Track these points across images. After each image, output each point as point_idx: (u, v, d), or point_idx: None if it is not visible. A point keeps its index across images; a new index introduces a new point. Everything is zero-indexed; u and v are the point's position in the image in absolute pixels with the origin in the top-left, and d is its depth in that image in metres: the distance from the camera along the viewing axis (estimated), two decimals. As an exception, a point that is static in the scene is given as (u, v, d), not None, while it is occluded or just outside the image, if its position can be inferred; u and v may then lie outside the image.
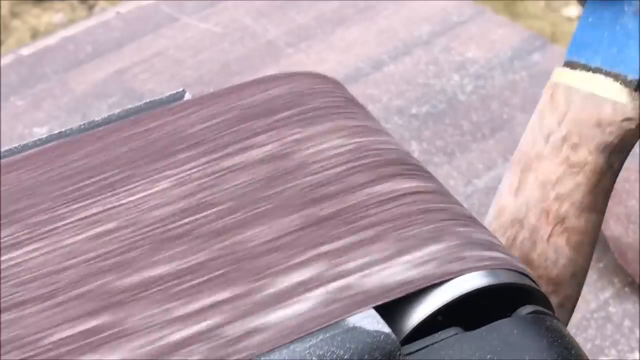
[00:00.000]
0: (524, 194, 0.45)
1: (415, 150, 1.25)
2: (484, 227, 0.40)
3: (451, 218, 0.38)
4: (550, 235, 0.43)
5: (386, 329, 0.32)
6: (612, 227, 1.06)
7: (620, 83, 0.43)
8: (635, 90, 0.43)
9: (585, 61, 0.44)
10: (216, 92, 0.44)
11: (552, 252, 0.44)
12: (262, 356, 0.32)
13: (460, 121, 1.29)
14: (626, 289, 1.08)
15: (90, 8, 1.57)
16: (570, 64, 0.44)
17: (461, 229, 0.38)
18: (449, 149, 1.25)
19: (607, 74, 0.43)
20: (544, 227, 0.43)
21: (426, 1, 1.50)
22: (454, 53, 1.40)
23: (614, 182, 0.44)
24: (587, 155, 0.43)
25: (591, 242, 0.44)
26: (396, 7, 1.48)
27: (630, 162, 1.20)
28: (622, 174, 1.16)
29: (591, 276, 1.09)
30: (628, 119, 0.42)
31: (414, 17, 1.47)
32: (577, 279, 0.45)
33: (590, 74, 0.43)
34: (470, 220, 0.39)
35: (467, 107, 1.31)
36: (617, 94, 0.42)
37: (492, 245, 0.38)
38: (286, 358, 0.31)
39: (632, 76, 0.42)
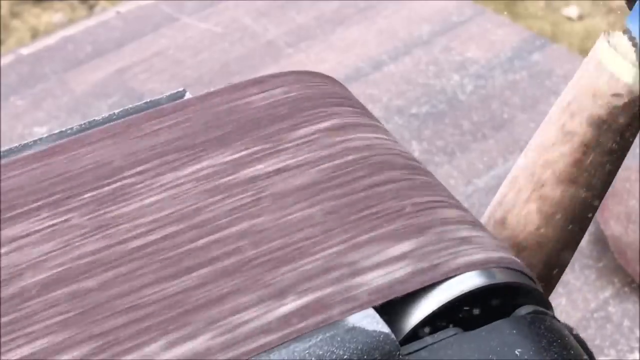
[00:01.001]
0: (528, 153, 0.44)
1: (415, 150, 1.25)
2: (483, 227, 0.40)
3: (447, 219, 0.38)
4: (527, 200, 0.43)
5: (385, 329, 0.32)
6: (612, 226, 1.06)
7: (635, 55, 0.41)
8: None
9: (632, 28, 0.43)
10: (205, 95, 0.43)
11: (523, 217, 0.43)
12: (263, 356, 0.32)
13: (460, 121, 1.29)
14: (626, 289, 1.08)
15: (90, 8, 1.57)
16: (625, 30, 0.43)
17: (460, 230, 0.38)
18: (449, 148, 1.25)
19: (634, 44, 0.42)
20: (526, 190, 0.43)
21: (426, 1, 1.50)
22: (454, 53, 1.40)
23: (607, 161, 0.42)
24: (578, 126, 0.42)
25: (566, 216, 0.43)
26: (396, 7, 1.49)
27: (630, 162, 1.20)
28: (622, 173, 1.16)
29: (591, 276, 1.09)
30: (617, 95, 0.41)
31: (414, 17, 1.47)
32: (543, 249, 0.44)
33: (627, 42, 0.42)
34: (470, 220, 0.39)
35: (467, 107, 1.31)
36: (619, 67, 0.41)
37: (490, 245, 0.38)
38: (286, 358, 0.31)
39: None
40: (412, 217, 0.37)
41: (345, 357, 0.31)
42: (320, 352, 0.32)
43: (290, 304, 0.33)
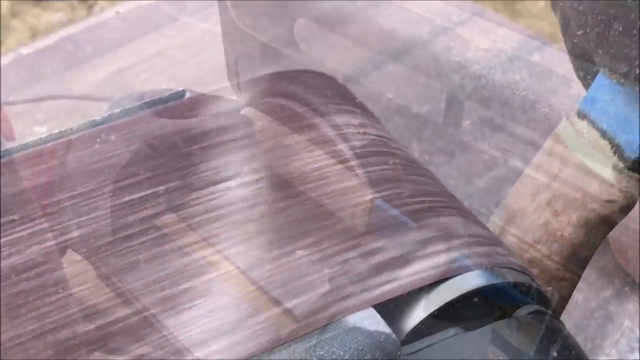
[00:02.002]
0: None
1: (415, 150, 1.25)
2: (484, 226, 0.40)
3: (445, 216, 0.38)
4: None
5: (386, 329, 0.32)
6: (612, 226, 1.06)
7: (617, 157, 0.40)
8: (630, 169, 0.41)
9: (594, 117, 0.42)
10: (209, 93, 0.44)
11: None
12: (263, 356, 0.31)
13: (460, 121, 1.29)
14: (626, 288, 1.08)
15: (90, 8, 1.57)
16: (580, 115, 0.42)
17: (461, 228, 0.37)
18: (449, 148, 1.25)
19: (611, 141, 0.41)
20: None
21: (426, 1, 1.49)
22: (454, 53, 1.40)
23: (592, 253, 0.43)
24: (566, 226, 0.41)
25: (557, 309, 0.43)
26: (396, 7, 1.48)
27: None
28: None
29: (591, 276, 1.09)
30: (612, 201, 0.41)
31: (414, 17, 1.47)
32: None
33: (595, 132, 0.41)
34: (471, 219, 0.39)
35: (467, 106, 1.31)
36: (607, 171, 0.40)
37: (492, 245, 0.38)
38: (286, 358, 0.31)
39: (631, 154, 0.41)
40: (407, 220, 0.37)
41: (346, 357, 0.31)
42: (321, 352, 0.32)
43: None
